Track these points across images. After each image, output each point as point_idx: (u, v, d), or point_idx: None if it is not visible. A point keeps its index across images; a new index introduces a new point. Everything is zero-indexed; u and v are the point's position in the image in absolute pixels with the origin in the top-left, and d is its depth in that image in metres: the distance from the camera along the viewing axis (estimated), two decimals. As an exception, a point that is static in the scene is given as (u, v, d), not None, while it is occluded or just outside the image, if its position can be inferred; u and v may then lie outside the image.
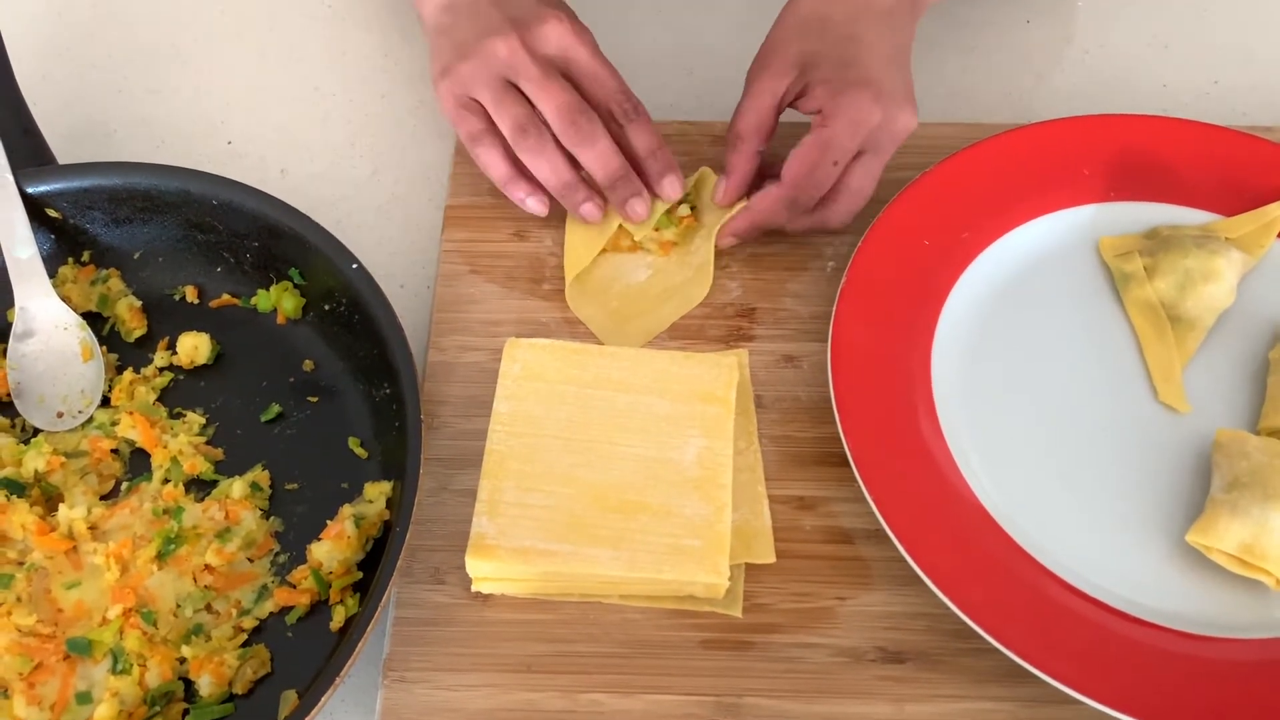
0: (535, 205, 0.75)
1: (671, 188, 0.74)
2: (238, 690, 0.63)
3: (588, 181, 0.74)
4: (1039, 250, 0.75)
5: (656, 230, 0.76)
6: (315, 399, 0.71)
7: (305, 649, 0.64)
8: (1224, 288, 0.72)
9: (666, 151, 0.74)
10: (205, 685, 0.62)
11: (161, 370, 0.73)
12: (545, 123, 0.72)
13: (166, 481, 0.68)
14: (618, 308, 0.75)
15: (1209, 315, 0.72)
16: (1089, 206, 0.76)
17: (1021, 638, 0.61)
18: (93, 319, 0.74)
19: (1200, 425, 0.69)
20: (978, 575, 0.63)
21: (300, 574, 0.65)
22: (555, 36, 0.71)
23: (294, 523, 0.68)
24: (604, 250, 0.76)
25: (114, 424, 0.70)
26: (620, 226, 0.75)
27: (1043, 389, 0.71)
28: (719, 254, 0.77)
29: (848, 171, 0.72)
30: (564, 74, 0.72)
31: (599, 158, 0.72)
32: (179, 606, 0.64)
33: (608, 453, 0.66)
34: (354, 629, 0.59)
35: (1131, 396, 0.71)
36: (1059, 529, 0.66)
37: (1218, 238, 0.73)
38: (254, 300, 0.74)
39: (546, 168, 0.72)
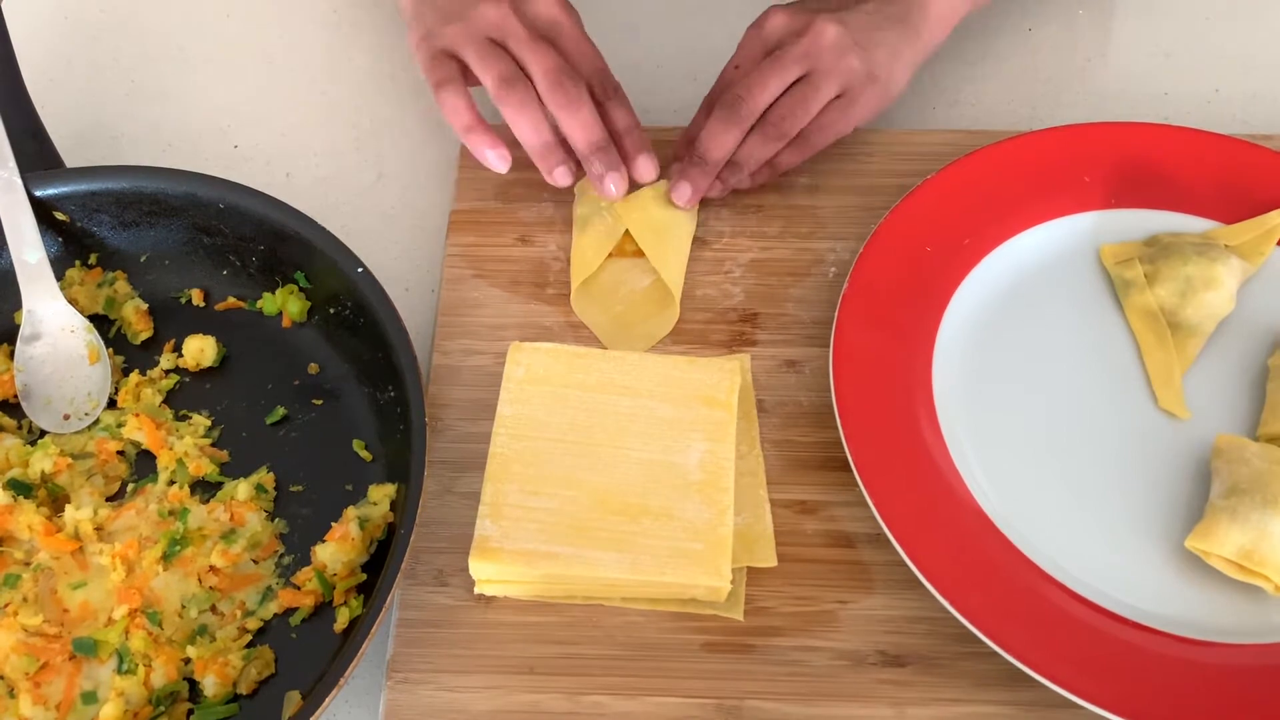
0: (495, 160, 0.74)
1: (645, 168, 0.74)
2: (242, 691, 0.63)
3: (565, 145, 0.74)
4: (1040, 257, 0.75)
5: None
6: (320, 402, 0.72)
7: (309, 650, 0.64)
8: (1224, 295, 0.72)
9: (642, 133, 0.75)
10: (210, 686, 0.62)
11: (167, 373, 0.73)
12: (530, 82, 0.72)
13: (172, 483, 0.68)
14: (621, 312, 0.76)
15: (1209, 322, 0.72)
16: (1090, 214, 0.77)
17: (1021, 642, 0.61)
18: (99, 321, 0.74)
19: (1200, 431, 0.69)
20: (978, 579, 0.63)
21: (304, 575, 0.65)
22: (545, 7, 0.73)
23: (298, 524, 0.68)
24: (609, 255, 0.76)
25: (120, 426, 0.70)
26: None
27: (1043, 395, 0.71)
28: (721, 259, 0.77)
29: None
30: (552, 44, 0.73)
31: (582, 125, 0.71)
32: (184, 607, 0.64)
33: (611, 456, 0.66)
34: (358, 630, 0.59)
35: (1131, 403, 0.71)
36: (1059, 534, 0.66)
37: (1218, 245, 0.74)
38: (260, 303, 0.75)
39: (528, 125, 0.72)
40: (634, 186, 0.76)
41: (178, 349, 0.74)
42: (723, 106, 0.73)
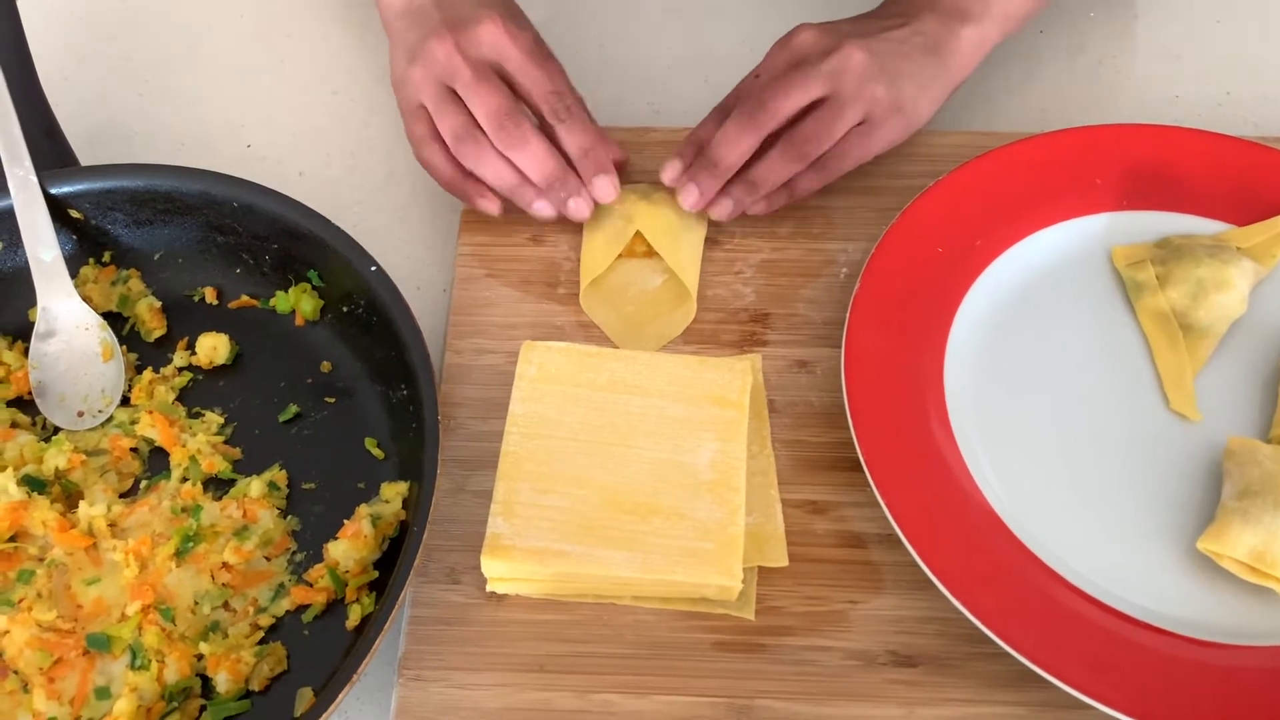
0: (486, 205, 0.75)
1: (603, 190, 0.73)
2: (254, 687, 0.63)
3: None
4: (1051, 258, 0.75)
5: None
6: (333, 400, 0.72)
7: (321, 647, 0.64)
8: (1236, 297, 0.72)
9: (601, 152, 0.73)
10: (222, 682, 0.63)
11: (180, 370, 0.74)
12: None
13: (185, 480, 0.69)
14: (632, 312, 0.76)
15: (1221, 324, 0.72)
16: (1101, 215, 0.77)
17: (1032, 642, 0.61)
18: (113, 319, 0.74)
19: (1211, 433, 0.69)
20: (989, 580, 0.63)
21: (317, 573, 0.65)
22: (488, 38, 0.72)
23: (311, 522, 0.68)
24: (619, 255, 0.76)
25: (133, 423, 0.70)
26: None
27: (1054, 396, 0.71)
28: (733, 259, 0.77)
29: None
30: (500, 74, 0.73)
31: (531, 161, 0.72)
32: (197, 604, 0.65)
33: (622, 455, 0.67)
34: (370, 628, 0.59)
35: (1143, 404, 0.71)
36: (1070, 535, 0.66)
37: (1230, 247, 0.74)
38: (273, 302, 0.75)
39: (489, 172, 0.73)
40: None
41: (191, 347, 0.74)
42: (741, 110, 0.72)
